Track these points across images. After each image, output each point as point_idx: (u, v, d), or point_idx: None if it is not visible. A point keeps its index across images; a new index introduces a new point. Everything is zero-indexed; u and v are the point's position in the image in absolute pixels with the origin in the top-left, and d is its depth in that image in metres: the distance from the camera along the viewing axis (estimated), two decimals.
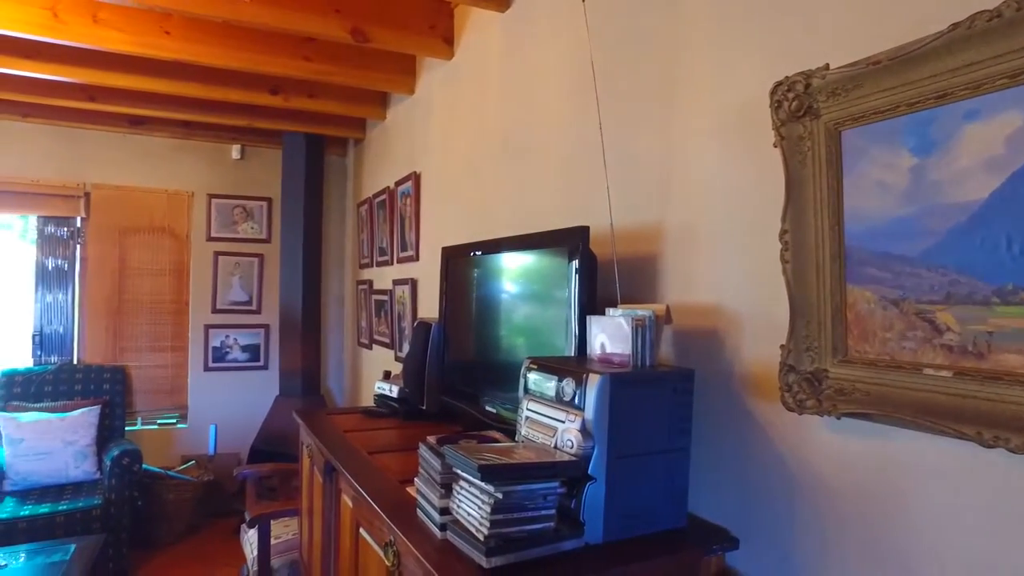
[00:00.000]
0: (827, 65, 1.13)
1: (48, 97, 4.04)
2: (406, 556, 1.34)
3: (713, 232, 1.49)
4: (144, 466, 3.96)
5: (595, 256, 1.63)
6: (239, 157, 4.95)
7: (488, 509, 1.15)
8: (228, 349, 4.93)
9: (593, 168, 1.89)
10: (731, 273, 1.45)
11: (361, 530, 1.67)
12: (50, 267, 4.78)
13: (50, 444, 3.89)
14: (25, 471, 3.80)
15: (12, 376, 4.29)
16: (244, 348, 4.97)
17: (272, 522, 2.93)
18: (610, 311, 1.51)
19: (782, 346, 1.25)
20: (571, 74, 2.05)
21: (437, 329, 2.37)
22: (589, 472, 1.26)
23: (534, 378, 1.45)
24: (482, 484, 1.16)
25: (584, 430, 1.27)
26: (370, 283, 4.16)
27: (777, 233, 1.25)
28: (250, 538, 3.10)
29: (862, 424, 1.14)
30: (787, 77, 1.21)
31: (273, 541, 2.94)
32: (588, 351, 1.52)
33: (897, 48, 1.02)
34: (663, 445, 1.35)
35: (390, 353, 3.73)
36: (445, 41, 3.05)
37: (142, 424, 4.76)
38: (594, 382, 1.27)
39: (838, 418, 1.16)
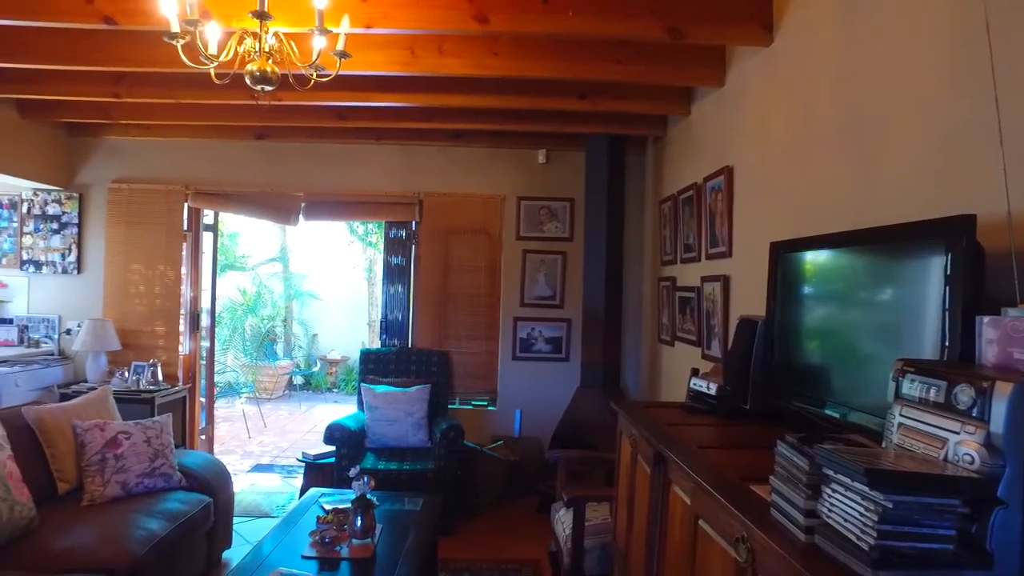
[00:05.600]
0: None
1: (395, 121, 4.79)
2: (763, 554, 1.31)
3: None
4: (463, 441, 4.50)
5: (982, 248, 1.42)
6: (544, 161, 5.33)
7: (874, 517, 1.07)
8: (533, 340, 5.36)
9: (971, 147, 1.64)
10: None
11: (700, 522, 1.67)
12: (393, 264, 5.65)
13: (395, 413, 4.63)
14: (379, 433, 4.58)
15: (367, 354, 5.19)
16: (547, 340, 5.35)
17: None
18: (1009, 311, 1.30)
19: None
20: (943, 39, 1.79)
21: (763, 327, 2.28)
22: (999, 495, 1.09)
23: (910, 382, 1.31)
24: (866, 490, 1.08)
25: (990, 445, 1.11)
26: (673, 280, 4.16)
27: None
28: (562, 517, 3.32)
29: None
30: None
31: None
32: (977, 356, 1.33)
33: None
34: None
35: (695, 350, 3.69)
36: (763, 27, 2.92)
37: (459, 404, 5.38)
38: (1005, 391, 1.10)
39: None
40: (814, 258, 2.11)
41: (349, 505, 2.92)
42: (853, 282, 1.93)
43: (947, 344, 1.45)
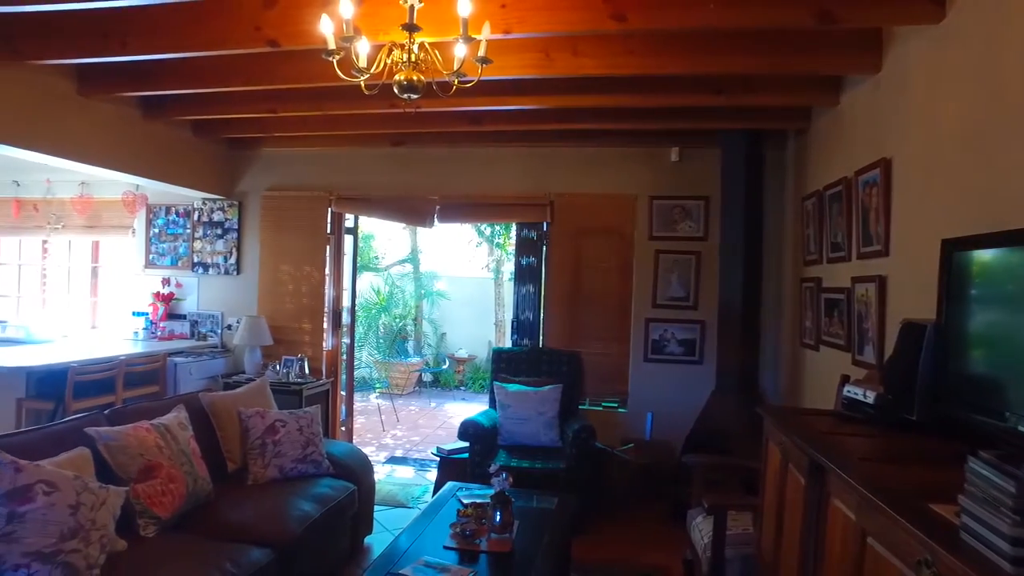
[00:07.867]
0: None
1: (527, 123, 4.85)
2: None
3: None
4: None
5: None
6: (677, 159, 5.19)
7: None
8: (666, 342, 5.23)
9: None
10: None
11: (869, 540, 1.56)
12: (523, 265, 5.72)
13: (527, 412, 4.68)
14: (511, 431, 4.66)
15: (500, 353, 5.29)
16: (680, 342, 5.20)
17: None
18: None
19: None
20: None
21: (933, 331, 2.09)
22: None
23: None
24: None
25: None
26: (818, 281, 3.91)
27: None
28: (699, 525, 3.21)
29: None
30: None
31: None
32: None
33: None
34: None
35: (843, 355, 3.44)
36: (933, 2, 2.65)
37: (589, 404, 5.35)
38: None
39: None
40: (999, 256, 1.90)
41: (486, 500, 3.00)
42: None
43: None
